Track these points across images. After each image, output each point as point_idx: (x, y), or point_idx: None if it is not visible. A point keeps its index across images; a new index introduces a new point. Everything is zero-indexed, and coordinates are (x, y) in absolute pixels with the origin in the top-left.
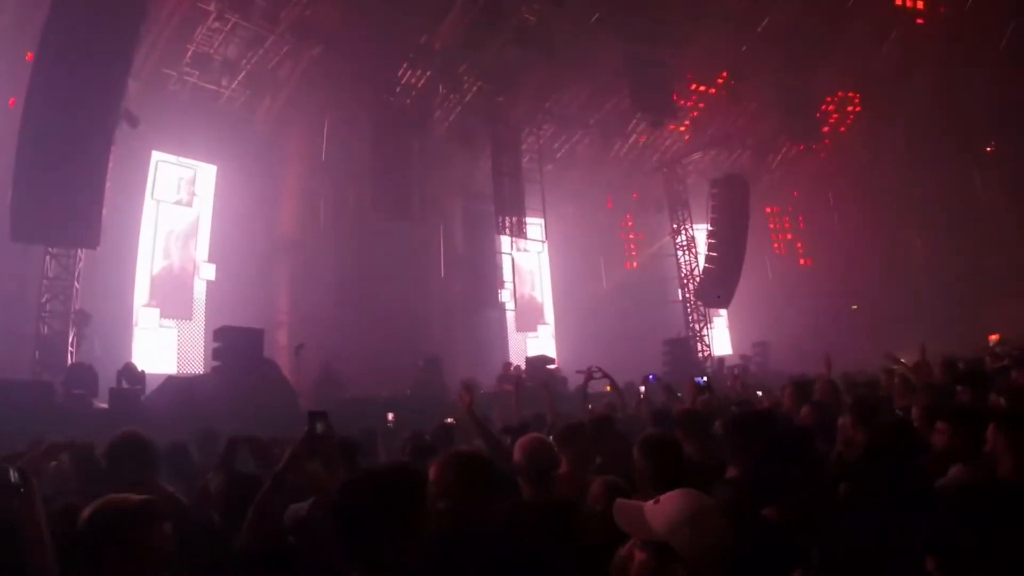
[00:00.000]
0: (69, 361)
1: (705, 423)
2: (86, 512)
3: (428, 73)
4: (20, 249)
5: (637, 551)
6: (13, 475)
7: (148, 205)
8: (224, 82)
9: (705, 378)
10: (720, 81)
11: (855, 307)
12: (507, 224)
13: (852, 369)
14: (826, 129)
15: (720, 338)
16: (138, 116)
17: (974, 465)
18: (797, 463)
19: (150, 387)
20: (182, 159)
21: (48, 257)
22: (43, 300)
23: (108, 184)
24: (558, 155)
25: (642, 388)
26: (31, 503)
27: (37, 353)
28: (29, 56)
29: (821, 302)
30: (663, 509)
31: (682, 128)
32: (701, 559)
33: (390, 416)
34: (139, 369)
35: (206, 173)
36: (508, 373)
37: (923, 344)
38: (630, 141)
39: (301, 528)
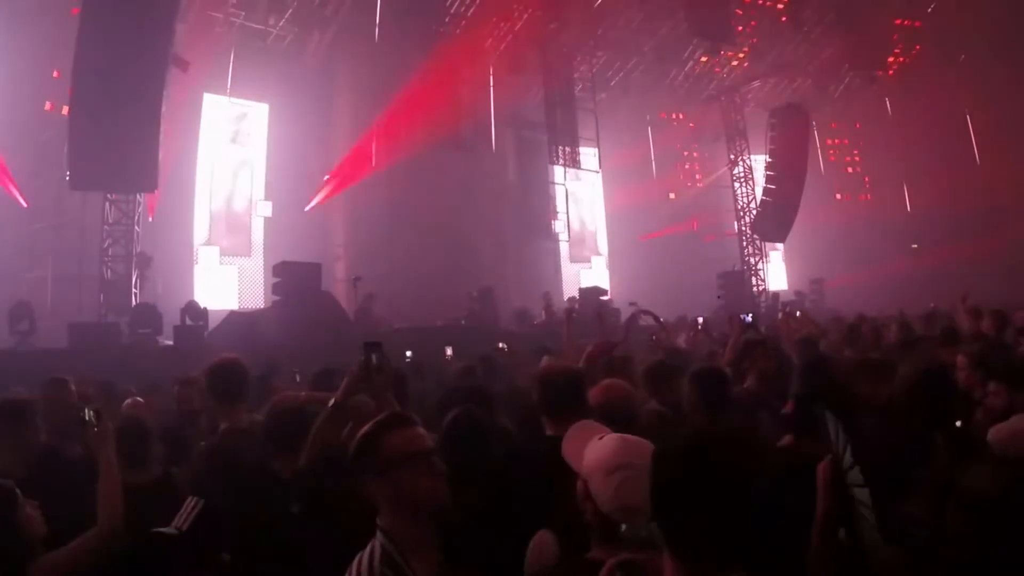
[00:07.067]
0: (133, 302)
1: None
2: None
3: (477, 1)
4: (80, 197)
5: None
6: (88, 414)
7: (203, 147)
8: (271, 21)
9: (751, 315)
10: (781, 6)
11: (915, 246)
12: (560, 154)
13: (906, 310)
14: (892, 59)
15: (776, 273)
16: (188, 60)
17: None
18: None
19: (212, 323)
20: (234, 100)
21: (107, 203)
22: (105, 245)
23: (162, 128)
24: (612, 83)
25: (700, 319)
26: (104, 439)
27: (102, 296)
28: (74, 10)
29: (880, 240)
30: (595, 449)
31: (740, 55)
32: (609, 507)
33: (448, 350)
34: (201, 306)
35: (258, 112)
36: (549, 304)
37: (965, 295)
38: (686, 69)
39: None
